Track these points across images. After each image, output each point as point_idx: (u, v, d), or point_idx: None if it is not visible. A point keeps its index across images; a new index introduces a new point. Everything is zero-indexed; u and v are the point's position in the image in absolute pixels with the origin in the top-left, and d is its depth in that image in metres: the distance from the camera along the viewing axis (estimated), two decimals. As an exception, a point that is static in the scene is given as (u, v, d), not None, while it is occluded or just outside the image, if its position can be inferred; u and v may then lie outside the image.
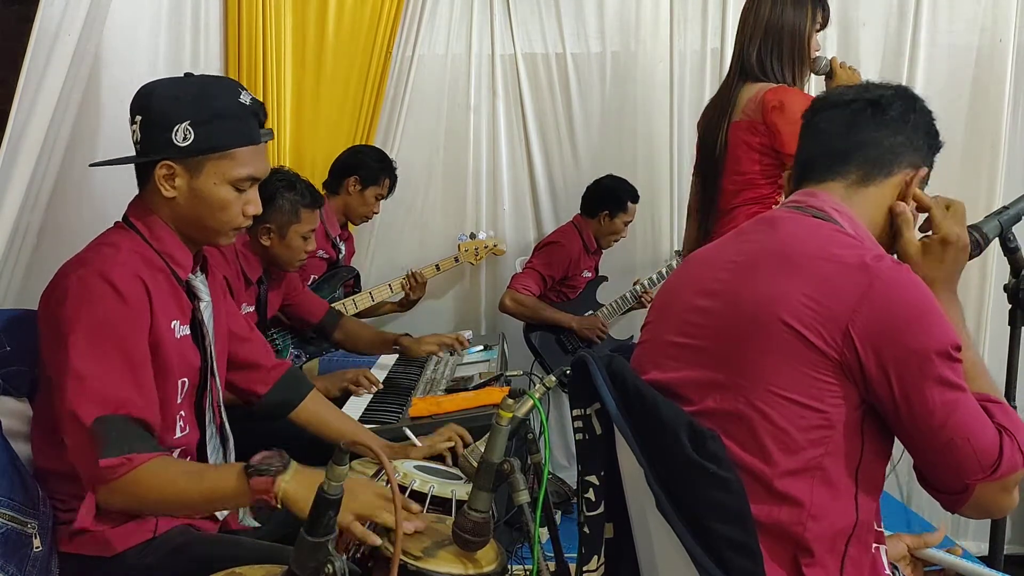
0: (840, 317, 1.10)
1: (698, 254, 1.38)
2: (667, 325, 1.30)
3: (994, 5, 3.12)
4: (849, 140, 1.28)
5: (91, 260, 1.40)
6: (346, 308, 3.04)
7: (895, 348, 1.10)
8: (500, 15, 3.38)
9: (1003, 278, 1.59)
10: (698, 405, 1.19)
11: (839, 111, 1.30)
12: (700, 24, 3.32)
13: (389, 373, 2.56)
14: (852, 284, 1.12)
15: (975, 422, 1.12)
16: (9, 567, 1.29)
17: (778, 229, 1.25)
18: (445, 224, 3.50)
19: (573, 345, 3.29)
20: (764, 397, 1.13)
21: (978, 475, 1.11)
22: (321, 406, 1.83)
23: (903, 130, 1.28)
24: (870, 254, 1.15)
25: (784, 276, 1.16)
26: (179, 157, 1.42)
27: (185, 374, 1.49)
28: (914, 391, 1.10)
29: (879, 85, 1.33)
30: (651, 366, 1.28)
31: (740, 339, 1.16)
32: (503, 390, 2.01)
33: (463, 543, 1.19)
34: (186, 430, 1.51)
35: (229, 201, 1.46)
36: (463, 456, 1.49)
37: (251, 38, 3.09)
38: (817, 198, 1.27)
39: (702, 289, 1.25)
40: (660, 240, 3.52)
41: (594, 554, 1.24)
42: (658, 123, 3.40)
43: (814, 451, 1.12)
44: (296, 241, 2.38)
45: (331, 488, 1.04)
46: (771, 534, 1.13)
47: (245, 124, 1.46)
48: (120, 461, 1.28)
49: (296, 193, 2.36)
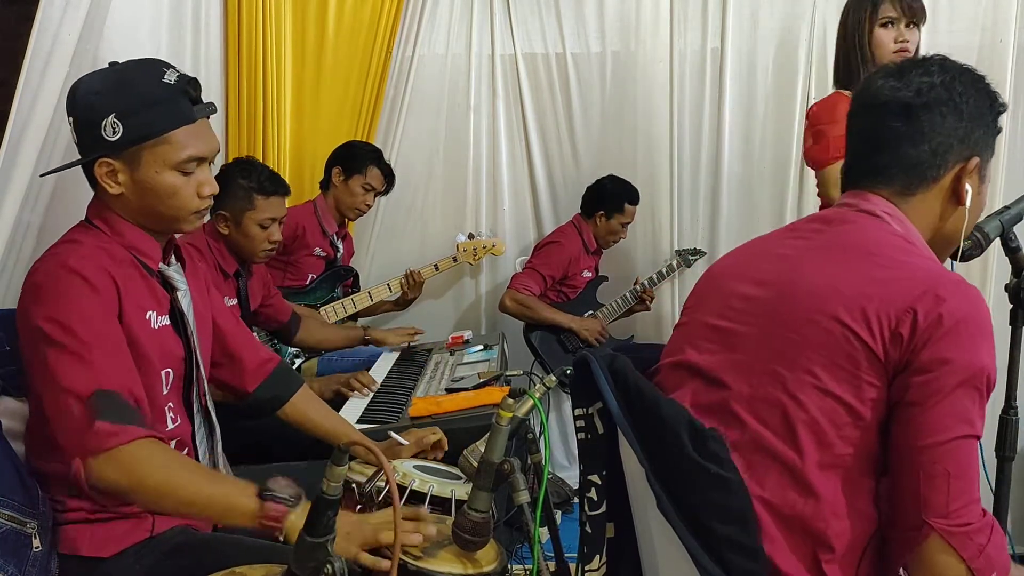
0: (896, 310, 1.08)
1: (748, 245, 1.37)
2: (708, 309, 1.29)
3: (994, 5, 3.12)
4: (883, 153, 1.23)
5: (55, 255, 1.38)
6: (345, 307, 3.04)
7: (936, 350, 1.06)
8: (500, 15, 3.38)
9: (1004, 278, 1.59)
10: (733, 389, 1.18)
11: (872, 116, 1.24)
12: (700, 24, 3.32)
13: (389, 373, 2.56)
14: (914, 281, 1.10)
15: (966, 469, 1.07)
16: (9, 567, 1.29)
17: (834, 226, 1.24)
18: (445, 224, 3.50)
19: (573, 345, 3.29)
20: (803, 388, 1.12)
21: (939, 520, 1.05)
22: (311, 403, 1.80)
23: (942, 129, 1.20)
24: (933, 261, 1.15)
25: (839, 271, 1.15)
26: (114, 152, 1.37)
27: (169, 364, 1.47)
28: (929, 401, 1.06)
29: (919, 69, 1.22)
30: (688, 347, 1.28)
31: (786, 329, 1.15)
32: (503, 390, 2.01)
33: (463, 543, 1.19)
34: (177, 421, 1.50)
35: (177, 186, 1.40)
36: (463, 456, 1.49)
37: (251, 38, 3.08)
38: (868, 201, 1.24)
39: (749, 277, 1.25)
40: (660, 240, 3.52)
41: (596, 553, 1.24)
42: (658, 123, 3.40)
43: (844, 448, 1.11)
44: (252, 229, 2.31)
45: (330, 488, 1.04)
46: (792, 527, 1.12)
47: (175, 105, 1.38)
48: (117, 429, 1.24)
49: (250, 180, 2.30)
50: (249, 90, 3.13)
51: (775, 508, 1.13)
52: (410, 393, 2.31)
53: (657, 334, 3.58)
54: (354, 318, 3.18)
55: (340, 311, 3.03)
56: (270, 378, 1.74)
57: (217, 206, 2.26)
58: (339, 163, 3.05)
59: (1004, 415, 1.60)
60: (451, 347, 2.80)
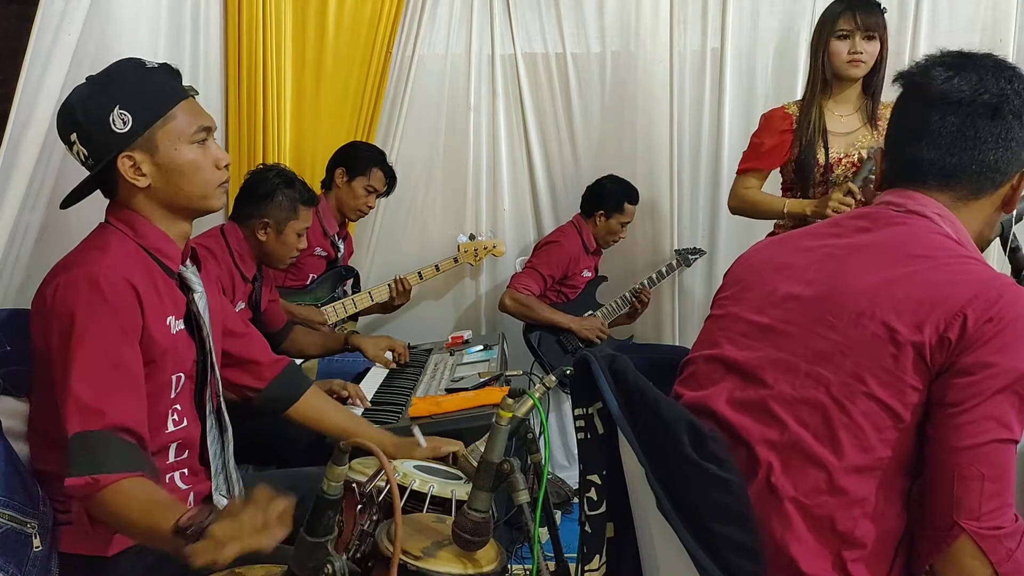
0: (946, 314, 1.06)
1: (787, 237, 1.35)
2: (748, 303, 1.27)
3: (994, 5, 3.12)
4: (965, 156, 1.19)
5: (78, 263, 1.38)
6: (345, 308, 3.04)
7: (981, 354, 1.05)
8: (500, 15, 3.38)
9: (1003, 278, 1.59)
10: (773, 388, 1.17)
11: (955, 114, 1.19)
12: (700, 24, 3.32)
13: (389, 372, 2.56)
14: (965, 285, 1.08)
15: (1001, 472, 1.05)
16: (9, 567, 1.29)
17: (881, 226, 1.22)
18: (445, 224, 3.50)
19: (573, 345, 3.29)
20: (846, 391, 1.11)
21: (971, 522, 1.04)
22: (320, 401, 1.82)
23: (1017, 136, 1.19)
24: (983, 263, 1.14)
25: (888, 274, 1.14)
26: (130, 143, 1.39)
27: (179, 369, 1.48)
28: (969, 403, 1.04)
29: (995, 70, 1.19)
30: (725, 341, 1.27)
31: (832, 331, 1.14)
32: (503, 390, 2.01)
33: (463, 543, 1.19)
34: (181, 423, 1.50)
35: (198, 161, 1.44)
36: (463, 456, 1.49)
37: (251, 38, 3.09)
38: (916, 201, 1.21)
39: (793, 275, 1.23)
40: (660, 240, 3.52)
41: (596, 553, 1.24)
42: (658, 123, 3.40)
43: (884, 451, 1.10)
44: (291, 238, 2.42)
45: (330, 488, 1.04)
46: (820, 526, 1.11)
47: (166, 84, 1.44)
48: (85, 481, 1.25)
49: (294, 190, 2.41)
50: (249, 90, 3.13)
51: (807, 509, 1.12)
52: (410, 393, 2.31)
53: (657, 334, 3.58)
54: (354, 318, 3.18)
55: (341, 311, 3.03)
56: (279, 378, 1.77)
57: (259, 214, 2.36)
58: (343, 164, 3.05)
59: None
60: (451, 347, 2.80)
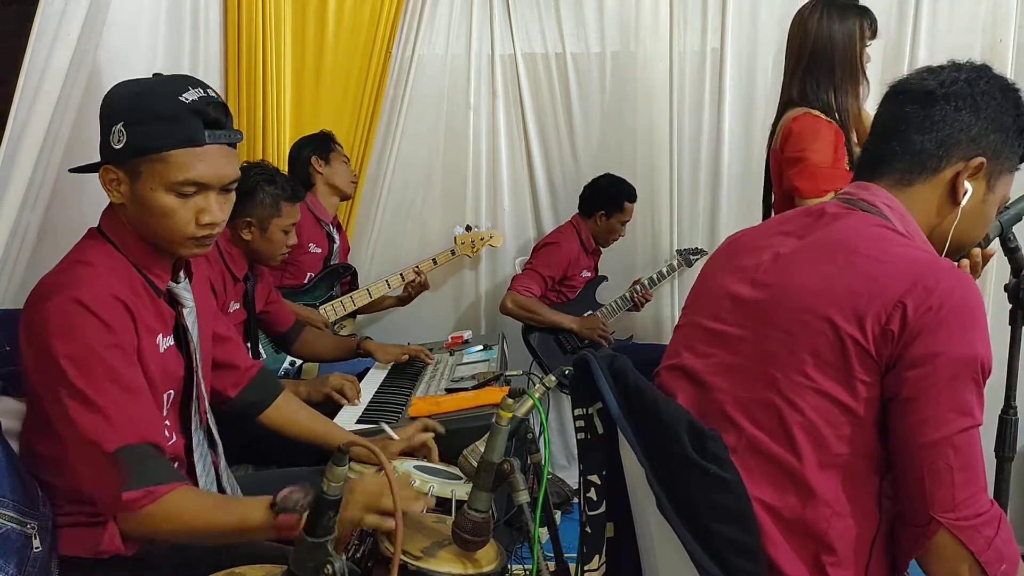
0: (885, 306, 1.07)
1: (737, 241, 1.36)
2: (700, 310, 1.29)
3: (994, 5, 3.11)
4: (890, 139, 1.23)
5: (66, 284, 1.32)
6: (344, 305, 3.04)
7: (927, 344, 1.05)
8: (500, 15, 3.38)
9: (1003, 278, 1.59)
10: (728, 393, 1.18)
11: (893, 103, 1.25)
12: (700, 24, 3.32)
13: (389, 372, 2.56)
14: (902, 275, 1.09)
15: (969, 460, 1.06)
16: (9, 567, 1.29)
17: (824, 222, 1.23)
18: (445, 224, 3.50)
19: (572, 345, 3.29)
20: (797, 389, 1.11)
21: (946, 515, 1.06)
22: (293, 407, 1.81)
23: (954, 121, 1.19)
24: (924, 251, 1.14)
25: (827, 270, 1.14)
26: (116, 161, 1.34)
27: (170, 386, 1.47)
28: (925, 396, 1.05)
29: (954, 67, 1.23)
30: (684, 350, 1.28)
31: (778, 330, 1.15)
32: (503, 390, 2.01)
33: (463, 543, 1.19)
34: (171, 438, 1.49)
35: (172, 208, 1.33)
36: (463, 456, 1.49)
37: (251, 38, 3.09)
38: (869, 191, 1.24)
39: (741, 277, 1.24)
40: (660, 240, 3.52)
41: (595, 553, 1.25)
42: (658, 123, 3.40)
43: (841, 447, 1.11)
44: (277, 235, 2.36)
45: (330, 489, 1.04)
46: (794, 531, 1.12)
47: (182, 124, 1.31)
48: (143, 493, 1.26)
49: (276, 187, 2.34)
50: (249, 90, 3.13)
51: (776, 511, 1.12)
52: (410, 393, 2.31)
53: (657, 334, 3.58)
54: (353, 316, 3.18)
55: (339, 309, 3.03)
56: (251, 383, 1.75)
57: (242, 213, 2.28)
58: (313, 153, 3.06)
59: (1004, 415, 1.60)
60: (451, 347, 2.80)
